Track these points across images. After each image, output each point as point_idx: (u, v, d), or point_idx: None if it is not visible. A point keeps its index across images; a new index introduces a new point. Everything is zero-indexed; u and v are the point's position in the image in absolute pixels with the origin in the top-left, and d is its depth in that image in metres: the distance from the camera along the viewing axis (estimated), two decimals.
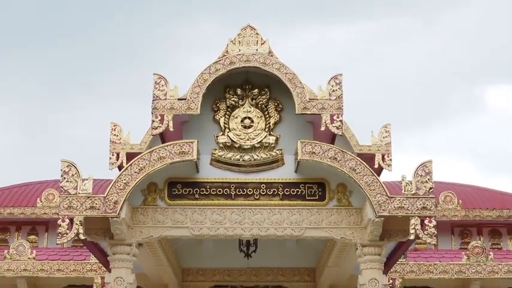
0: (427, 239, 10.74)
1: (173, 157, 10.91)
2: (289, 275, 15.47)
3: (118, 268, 11.19)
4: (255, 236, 11.54)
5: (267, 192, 11.32)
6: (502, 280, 15.38)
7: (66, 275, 15.31)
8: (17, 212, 18.60)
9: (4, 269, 15.14)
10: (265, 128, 11.55)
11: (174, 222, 11.24)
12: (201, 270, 15.44)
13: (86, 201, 10.78)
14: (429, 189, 10.87)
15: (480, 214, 18.70)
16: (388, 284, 11.70)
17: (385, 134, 13.41)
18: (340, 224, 11.25)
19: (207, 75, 11.36)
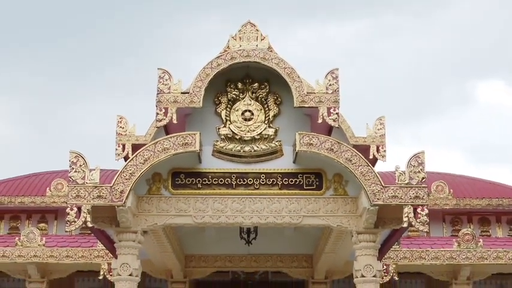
0: (420, 227, 10.75)
1: (177, 148, 10.90)
2: (288, 261, 15.50)
3: (124, 254, 11.20)
4: (255, 224, 11.55)
5: (266, 182, 11.32)
6: (491, 266, 15.40)
7: (75, 261, 15.32)
8: (28, 201, 18.62)
9: (15, 255, 15.15)
10: (265, 121, 11.54)
11: (177, 210, 11.24)
12: (203, 257, 15.46)
13: (93, 191, 10.78)
14: (422, 179, 10.87)
15: (470, 203, 18.72)
16: (382, 269, 11.69)
17: (380, 126, 13.39)
18: (337, 213, 11.25)
19: (209, 69, 11.35)
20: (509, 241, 17.39)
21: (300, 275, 15.84)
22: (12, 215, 18.86)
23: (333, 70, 11.51)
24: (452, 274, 15.66)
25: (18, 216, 18.85)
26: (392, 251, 14.37)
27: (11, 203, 18.60)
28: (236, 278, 18.09)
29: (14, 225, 18.70)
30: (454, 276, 15.63)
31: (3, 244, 15.75)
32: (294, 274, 15.86)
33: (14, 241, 15.54)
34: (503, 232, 18.82)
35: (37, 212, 18.81)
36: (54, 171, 20.65)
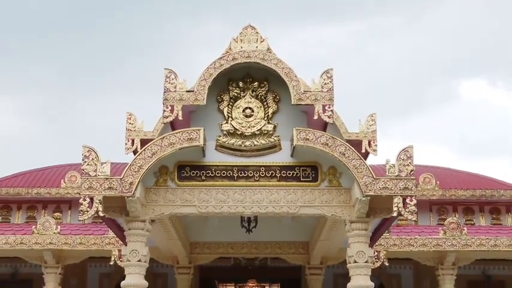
0: (408, 216, 10.74)
1: (182, 143, 10.91)
2: (286, 247, 15.50)
3: (133, 242, 11.21)
4: (255, 213, 11.55)
5: (265, 175, 11.31)
6: (475, 252, 15.41)
7: (87, 248, 15.34)
8: (43, 192, 18.66)
9: (32, 243, 15.17)
10: (264, 117, 11.53)
11: (183, 201, 11.24)
12: (207, 244, 15.46)
13: (105, 182, 10.78)
14: (410, 171, 10.87)
15: (455, 194, 18.76)
16: (373, 255, 11.70)
17: (371, 122, 13.37)
18: (331, 203, 11.25)
19: (212, 69, 11.34)
20: (492, 229, 17.41)
21: (297, 260, 15.85)
22: (29, 205, 18.90)
23: (328, 70, 11.49)
24: (439, 260, 15.68)
25: (34, 206, 18.90)
26: (383, 239, 14.37)
27: (28, 194, 18.64)
28: (237, 263, 18.13)
29: (31, 215, 18.76)
30: (440, 262, 15.65)
31: (21, 232, 15.77)
32: (291, 260, 15.87)
33: (31, 229, 15.56)
34: (486, 221, 18.87)
35: (52, 203, 18.86)
36: (68, 164, 20.69)
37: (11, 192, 18.69)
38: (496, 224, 18.74)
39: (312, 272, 15.85)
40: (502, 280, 18.26)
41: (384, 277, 18.01)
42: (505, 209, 19.03)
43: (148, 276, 11.51)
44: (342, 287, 11.69)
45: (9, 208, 18.96)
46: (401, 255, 15.52)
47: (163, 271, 17.70)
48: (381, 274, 17.32)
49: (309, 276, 15.94)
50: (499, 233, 16.20)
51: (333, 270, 17.21)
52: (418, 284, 18.35)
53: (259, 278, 20.96)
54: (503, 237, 15.42)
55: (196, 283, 17.73)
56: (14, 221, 18.69)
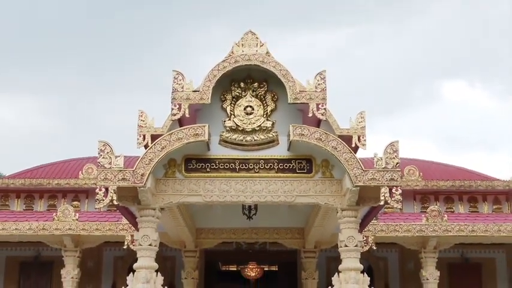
0: (394, 204, 10.74)
1: (189, 138, 10.89)
2: (283, 233, 15.49)
3: (144, 228, 11.21)
4: (255, 202, 11.55)
5: (265, 167, 11.30)
6: (454, 237, 15.41)
7: (103, 233, 15.35)
8: (63, 183, 18.65)
9: (53, 229, 15.17)
10: (264, 115, 11.50)
11: (189, 191, 11.23)
12: (211, 230, 15.45)
13: (119, 174, 10.77)
14: (396, 164, 10.86)
15: (437, 184, 18.75)
16: (362, 240, 11.70)
17: (361, 119, 13.32)
18: (324, 192, 11.24)
19: (216, 71, 11.32)
20: (470, 216, 17.41)
21: (293, 245, 15.84)
22: (50, 195, 18.90)
23: (321, 72, 11.48)
24: (422, 244, 15.67)
25: (55, 196, 18.90)
26: (371, 225, 14.37)
27: (49, 185, 18.63)
28: (239, 247, 18.12)
29: (52, 203, 18.76)
30: (423, 246, 15.65)
31: (43, 219, 15.77)
32: (288, 244, 15.86)
33: (52, 216, 15.56)
34: (465, 209, 18.86)
35: (71, 192, 18.85)
36: (85, 158, 20.68)
37: (34, 183, 18.69)
38: (473, 211, 18.74)
39: (306, 255, 15.85)
40: (478, 262, 18.26)
41: (372, 260, 18.00)
42: (482, 198, 19.02)
43: (158, 259, 11.50)
44: (334, 269, 11.66)
45: (32, 197, 18.96)
46: (387, 240, 15.52)
47: (172, 254, 17.69)
48: (369, 257, 17.32)
49: (304, 259, 15.94)
50: (476, 220, 16.21)
51: (326, 254, 17.21)
52: (403, 266, 18.35)
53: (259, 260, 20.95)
54: (479, 224, 15.42)
55: (202, 265, 17.73)
56: (37, 209, 18.70)
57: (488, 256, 18.29)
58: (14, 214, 17.24)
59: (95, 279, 18.10)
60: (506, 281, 18.17)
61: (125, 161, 10.94)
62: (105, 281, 18.18)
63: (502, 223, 15.44)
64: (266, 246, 18.22)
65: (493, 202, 18.95)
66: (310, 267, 15.87)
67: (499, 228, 15.19)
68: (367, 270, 13.26)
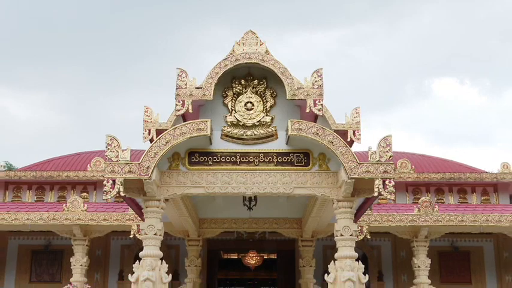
0: (387, 196, 10.74)
1: (192, 132, 10.88)
2: (282, 223, 15.50)
3: (150, 218, 11.21)
4: (255, 194, 11.53)
5: (264, 160, 11.29)
6: (444, 227, 15.43)
7: (110, 223, 15.36)
8: (72, 175, 18.66)
9: (63, 219, 15.19)
10: (263, 110, 11.49)
11: (192, 183, 11.22)
12: (213, 220, 15.47)
13: (125, 167, 10.76)
14: (389, 157, 10.85)
15: (428, 176, 18.74)
16: (357, 230, 11.70)
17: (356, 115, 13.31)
18: (321, 184, 11.23)
19: (218, 69, 11.30)
20: (460, 207, 17.44)
21: (292, 234, 15.85)
22: (60, 186, 18.91)
23: (318, 69, 11.46)
24: (413, 233, 15.69)
25: (65, 187, 18.91)
26: (365, 215, 14.40)
27: (59, 177, 18.64)
28: (240, 236, 18.14)
29: (62, 195, 18.77)
30: (414, 235, 15.67)
31: (53, 209, 15.79)
32: (286, 234, 15.88)
33: (62, 207, 15.57)
34: (455, 200, 18.87)
35: (80, 184, 18.86)
36: (94, 151, 20.68)
37: (45, 175, 18.69)
38: (463, 202, 18.75)
39: (304, 244, 15.86)
40: (467, 250, 18.30)
41: (366, 248, 18.03)
42: (471, 189, 19.03)
43: (163, 248, 11.53)
44: (330, 257, 11.68)
45: (43, 189, 18.97)
46: (381, 229, 15.54)
47: (176, 243, 17.72)
48: (363, 246, 17.35)
49: (302, 248, 15.95)
50: (465, 210, 16.24)
51: (323, 243, 17.23)
52: (396, 255, 18.38)
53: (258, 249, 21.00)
54: (468, 214, 15.44)
55: (204, 253, 17.76)
56: (47, 200, 18.71)
57: (477, 245, 18.32)
58: (26, 205, 17.26)
59: (102, 267, 18.14)
60: (494, 268, 18.22)
61: (131, 155, 10.93)
62: (113, 268, 18.21)
63: (489, 213, 15.46)
64: (265, 235, 18.24)
65: (481, 193, 18.96)
66: (307, 256, 15.89)
67: (487, 218, 15.22)
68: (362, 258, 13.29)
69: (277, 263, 22.03)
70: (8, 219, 15.15)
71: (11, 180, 18.87)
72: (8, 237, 18.06)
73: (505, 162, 19.08)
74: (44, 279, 17.90)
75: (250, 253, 21.83)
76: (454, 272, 17.98)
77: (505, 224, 15.16)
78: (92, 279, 17.13)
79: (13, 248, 18.24)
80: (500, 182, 18.78)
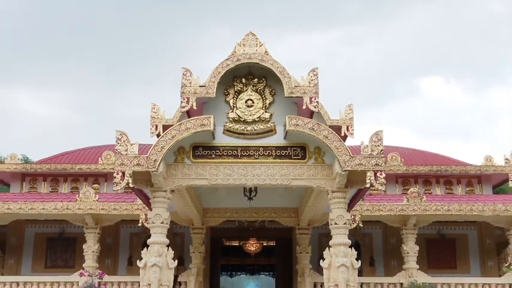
0: (379, 187, 10.74)
1: (196, 128, 10.87)
2: (280, 212, 15.51)
3: (157, 207, 11.21)
4: (255, 185, 11.53)
5: (263, 153, 11.28)
6: (432, 216, 15.42)
7: (120, 213, 15.35)
8: (85, 168, 18.64)
9: (76, 208, 15.18)
10: (263, 107, 11.48)
11: (197, 175, 11.22)
12: (216, 209, 15.47)
13: (134, 160, 10.76)
14: (380, 151, 10.85)
15: (416, 169, 18.74)
16: (350, 218, 11.69)
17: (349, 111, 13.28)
18: (317, 176, 11.23)
19: (221, 68, 11.29)
20: (446, 197, 17.43)
21: (289, 223, 15.86)
22: (73, 178, 18.91)
23: (314, 69, 11.44)
24: (403, 222, 15.68)
25: (77, 179, 18.90)
26: (358, 205, 14.38)
27: (72, 169, 18.63)
28: (241, 225, 18.14)
29: (75, 186, 18.77)
30: (404, 224, 15.66)
31: (67, 200, 15.78)
32: (284, 222, 15.89)
33: (75, 198, 15.57)
34: (441, 191, 18.88)
35: (92, 176, 18.85)
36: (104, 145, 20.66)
37: (59, 168, 18.68)
38: (449, 193, 18.75)
39: (301, 232, 15.86)
40: (453, 238, 18.29)
41: (358, 236, 18.04)
42: (456, 181, 19.02)
43: (169, 235, 11.52)
44: (325, 244, 11.68)
45: (57, 180, 18.97)
46: (372, 218, 15.53)
47: (181, 231, 17.71)
48: (356, 233, 17.34)
49: (299, 235, 15.95)
50: (451, 201, 16.21)
51: (318, 231, 17.22)
52: (386, 242, 18.39)
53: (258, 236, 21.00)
54: (454, 204, 15.43)
55: (208, 241, 17.76)
56: (61, 191, 18.71)
57: (462, 232, 18.32)
58: (41, 195, 17.25)
59: (113, 253, 18.15)
60: (477, 254, 18.23)
61: (139, 148, 10.93)
62: (122, 255, 18.22)
63: (474, 203, 15.45)
64: (265, 224, 18.25)
65: (466, 185, 18.96)
66: (304, 243, 15.89)
67: (471, 208, 15.21)
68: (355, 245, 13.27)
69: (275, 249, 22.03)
70: (25, 209, 15.15)
71: (28, 173, 18.86)
72: (25, 225, 18.06)
73: (488, 155, 19.08)
74: (58, 264, 17.90)
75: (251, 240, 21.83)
76: (441, 258, 17.98)
77: (488, 213, 15.16)
78: (103, 264, 17.13)
79: (30, 236, 18.24)
80: (483, 174, 18.78)
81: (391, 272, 17.17)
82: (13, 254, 18.07)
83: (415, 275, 15.05)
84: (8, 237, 18.18)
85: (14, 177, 18.90)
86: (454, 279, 15.35)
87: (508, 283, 15.16)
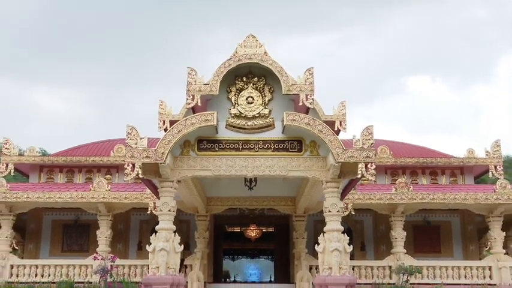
0: (369, 177, 10.75)
1: (200, 123, 10.87)
2: (278, 200, 15.52)
3: (164, 196, 11.22)
4: (255, 175, 11.55)
5: (263, 147, 11.29)
6: (418, 204, 15.41)
7: (131, 201, 15.34)
8: (98, 160, 18.62)
9: (90, 197, 15.18)
10: (262, 104, 11.47)
11: (201, 166, 11.23)
12: (219, 198, 15.48)
13: (143, 153, 10.75)
14: (371, 144, 10.84)
15: (404, 161, 18.71)
16: (343, 207, 11.72)
17: (342, 107, 13.31)
18: (312, 168, 11.24)
19: (223, 68, 11.28)
20: (431, 187, 17.43)
21: (286, 210, 15.88)
22: (87, 169, 18.89)
23: (310, 68, 11.43)
24: (391, 210, 15.69)
25: (91, 170, 18.88)
26: (350, 194, 14.38)
27: (86, 161, 18.61)
28: (242, 212, 18.16)
29: (89, 177, 18.75)
30: (392, 211, 15.67)
31: (81, 189, 15.77)
32: (282, 210, 15.90)
33: (89, 187, 15.56)
34: (427, 181, 18.86)
35: (104, 167, 18.83)
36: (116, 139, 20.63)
37: (74, 160, 18.66)
38: (434, 183, 18.74)
39: (297, 219, 15.88)
40: (438, 224, 18.30)
41: (350, 223, 18.05)
42: (441, 172, 19.00)
43: (176, 222, 11.55)
44: (320, 230, 11.70)
45: (72, 171, 18.94)
46: (363, 206, 15.53)
47: (187, 218, 17.71)
48: (348, 220, 17.36)
49: (295, 222, 15.97)
50: (436, 190, 16.21)
51: (313, 218, 17.24)
52: (376, 228, 18.40)
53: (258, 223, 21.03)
54: (439, 193, 15.43)
55: (212, 227, 17.78)
56: (76, 181, 18.70)
57: (446, 219, 18.33)
58: (58, 185, 17.26)
59: (124, 239, 18.17)
60: (460, 239, 18.25)
61: (148, 142, 10.92)
62: (132, 240, 18.24)
63: (457, 192, 15.44)
64: (264, 211, 18.26)
65: (449, 175, 18.95)
66: (300, 229, 15.92)
67: (455, 196, 15.21)
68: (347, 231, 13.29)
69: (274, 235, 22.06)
70: (42, 198, 15.15)
71: (45, 164, 18.85)
72: (43, 213, 18.06)
73: (471, 148, 19.06)
74: (74, 249, 17.91)
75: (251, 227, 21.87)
76: (426, 243, 17.98)
77: (470, 202, 15.15)
78: (115, 249, 17.14)
79: (47, 223, 18.25)
80: (466, 165, 18.77)
81: (380, 256, 17.19)
82: (32, 239, 18.09)
83: (402, 258, 15.07)
84: (27, 223, 18.19)
85: (32, 169, 18.90)
86: (439, 263, 15.39)
87: (488, 265, 15.20)
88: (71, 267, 15.13)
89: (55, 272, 15.10)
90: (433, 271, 15.10)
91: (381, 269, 15.09)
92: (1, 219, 15.52)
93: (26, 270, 15.17)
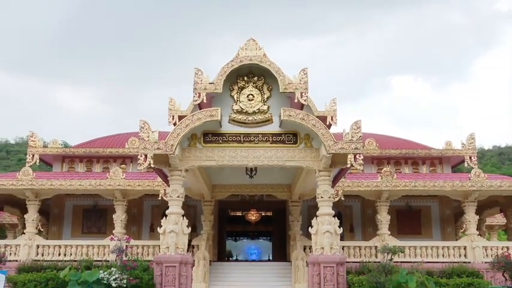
0: (357, 167, 10.77)
1: (206, 118, 10.87)
2: (276, 187, 15.54)
3: (174, 184, 11.24)
4: (255, 165, 11.57)
5: (262, 139, 11.29)
6: (401, 191, 15.41)
7: (143, 188, 15.37)
8: (114, 151, 18.63)
9: (107, 185, 15.19)
10: (261, 101, 11.46)
11: (207, 157, 11.24)
12: (223, 185, 15.49)
13: (154, 145, 10.75)
14: (359, 137, 10.84)
15: (389, 152, 18.71)
16: (334, 193, 11.73)
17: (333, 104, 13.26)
18: (306, 158, 11.25)
19: (226, 68, 11.27)
20: (413, 175, 17.41)
21: (283, 196, 15.89)
22: (104, 160, 18.90)
23: (304, 68, 11.41)
24: (377, 196, 15.70)
25: (108, 160, 18.88)
26: (340, 182, 14.39)
27: (104, 152, 18.62)
28: (243, 198, 18.18)
29: (106, 166, 18.75)
30: (378, 197, 15.68)
31: (99, 177, 15.78)
32: (279, 196, 15.91)
33: (106, 176, 15.57)
34: (409, 170, 18.87)
35: (120, 158, 18.84)
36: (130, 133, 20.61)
37: (92, 151, 18.66)
38: (415, 172, 18.74)
39: (293, 204, 15.90)
40: (419, 209, 18.32)
41: (341, 207, 18.07)
42: (421, 162, 19.01)
43: (184, 207, 11.56)
44: (313, 214, 11.72)
45: (91, 162, 18.95)
46: (352, 193, 15.53)
47: (194, 204, 17.74)
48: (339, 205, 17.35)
49: (291, 207, 15.99)
50: (417, 178, 16.18)
51: (307, 203, 17.25)
52: (364, 212, 18.43)
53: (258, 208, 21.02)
54: (419, 181, 15.43)
55: (216, 211, 17.81)
56: (95, 170, 18.71)
57: (426, 204, 18.35)
58: (78, 174, 17.26)
59: (137, 222, 18.20)
60: (438, 222, 18.28)
61: (159, 135, 10.92)
62: (145, 223, 18.28)
63: (436, 180, 15.46)
64: (263, 197, 18.27)
65: (429, 165, 18.95)
66: (295, 213, 15.94)
67: (434, 184, 15.22)
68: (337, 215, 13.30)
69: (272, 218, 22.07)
70: (65, 185, 15.17)
71: (67, 155, 18.85)
72: (65, 199, 18.09)
73: (448, 140, 19.05)
74: (93, 231, 17.95)
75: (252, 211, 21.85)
76: (408, 226, 18.01)
77: (447, 189, 15.17)
78: (130, 231, 17.18)
79: (69, 207, 18.28)
80: (444, 156, 18.77)
81: (367, 237, 17.23)
82: (55, 222, 18.13)
83: (387, 239, 15.10)
84: (51, 208, 18.22)
85: (55, 159, 18.91)
86: (419, 243, 15.41)
87: (463, 245, 15.24)
88: (90, 247, 15.17)
89: (76, 252, 15.15)
90: (414, 251, 15.13)
91: (368, 249, 15.13)
92: (28, 204, 15.56)
93: (50, 249, 15.21)
